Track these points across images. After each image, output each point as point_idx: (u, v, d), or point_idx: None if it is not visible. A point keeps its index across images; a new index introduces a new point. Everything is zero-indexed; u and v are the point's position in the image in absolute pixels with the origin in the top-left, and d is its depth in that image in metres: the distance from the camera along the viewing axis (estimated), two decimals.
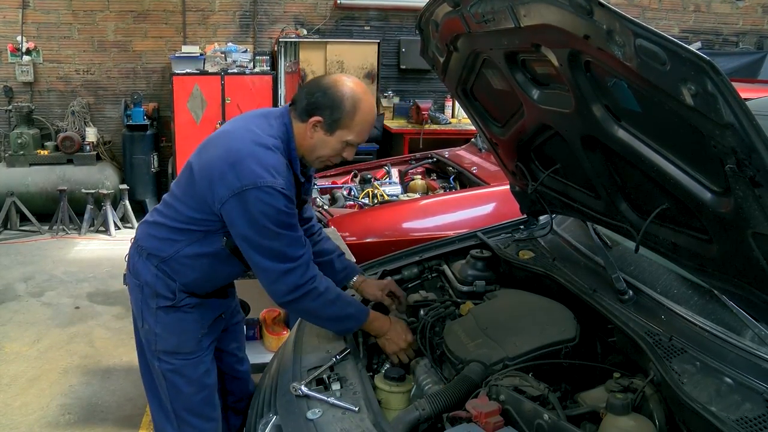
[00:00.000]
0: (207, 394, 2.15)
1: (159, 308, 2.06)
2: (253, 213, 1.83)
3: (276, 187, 1.82)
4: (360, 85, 1.95)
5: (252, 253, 1.89)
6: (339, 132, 1.92)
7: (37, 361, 3.86)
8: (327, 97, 1.90)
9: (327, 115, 1.90)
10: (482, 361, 1.76)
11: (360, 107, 1.91)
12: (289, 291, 1.90)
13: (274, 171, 1.84)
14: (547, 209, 2.39)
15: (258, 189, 1.81)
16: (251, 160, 1.84)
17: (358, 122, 1.91)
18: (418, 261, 2.49)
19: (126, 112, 6.89)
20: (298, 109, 1.95)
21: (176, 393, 2.10)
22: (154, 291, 2.05)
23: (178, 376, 2.09)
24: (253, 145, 1.87)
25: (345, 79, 1.94)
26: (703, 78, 1.17)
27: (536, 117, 2.01)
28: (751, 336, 1.54)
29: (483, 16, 1.79)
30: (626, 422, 1.42)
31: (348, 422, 1.61)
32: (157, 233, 2.06)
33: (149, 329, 2.08)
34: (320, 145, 1.95)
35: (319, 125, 1.92)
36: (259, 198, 1.81)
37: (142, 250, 2.09)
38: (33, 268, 5.43)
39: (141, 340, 2.16)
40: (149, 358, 2.13)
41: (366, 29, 7.44)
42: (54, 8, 6.90)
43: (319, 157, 1.99)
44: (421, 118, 6.87)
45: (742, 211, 1.31)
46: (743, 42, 8.03)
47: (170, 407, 2.12)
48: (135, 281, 2.10)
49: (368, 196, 4.61)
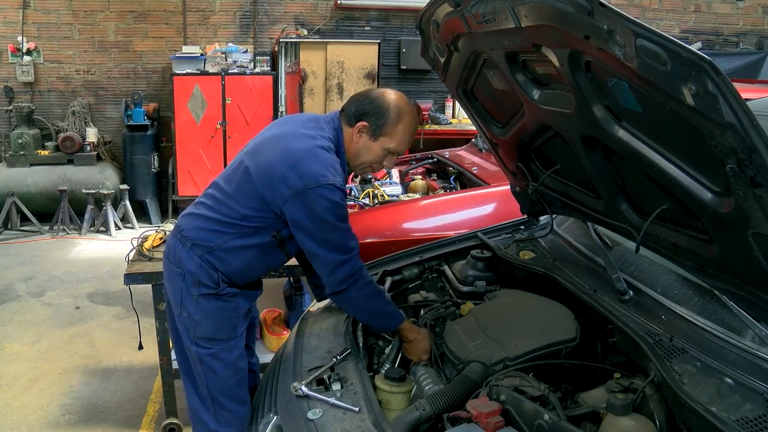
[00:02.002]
0: (241, 378, 2.20)
1: (201, 296, 2.11)
2: (316, 209, 1.95)
3: (336, 184, 1.96)
4: (404, 99, 2.12)
5: (313, 245, 2.01)
6: (382, 139, 2.08)
7: (37, 361, 3.86)
8: (374, 105, 2.07)
9: (373, 120, 2.06)
10: (483, 361, 1.76)
11: (403, 118, 2.08)
12: (344, 280, 2.02)
13: (333, 169, 1.98)
14: (548, 209, 2.39)
15: (321, 187, 1.94)
16: (311, 159, 1.97)
17: (400, 131, 2.08)
18: (418, 261, 2.49)
19: (126, 112, 6.89)
20: (347, 115, 2.11)
21: (213, 376, 2.15)
22: (197, 280, 2.10)
23: (215, 360, 2.15)
24: (311, 146, 2.01)
25: (391, 92, 2.12)
26: (704, 78, 1.17)
27: (537, 117, 2.01)
28: (752, 336, 1.54)
29: (484, 16, 1.79)
30: (627, 422, 1.42)
31: (348, 422, 1.61)
32: (206, 225, 2.12)
33: (189, 316, 2.13)
34: (364, 150, 2.11)
35: (365, 130, 2.08)
36: (321, 195, 1.94)
37: (186, 240, 2.13)
38: (33, 268, 5.44)
39: (178, 328, 2.21)
40: (187, 344, 2.17)
41: (366, 29, 7.44)
42: (54, 8, 6.90)
43: (362, 162, 2.14)
44: (421, 118, 6.87)
45: (743, 212, 1.31)
46: (744, 42, 8.04)
47: (207, 392, 2.17)
48: (177, 270, 2.15)
49: (369, 196, 4.61)
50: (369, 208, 4.24)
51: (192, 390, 2.24)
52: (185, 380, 2.26)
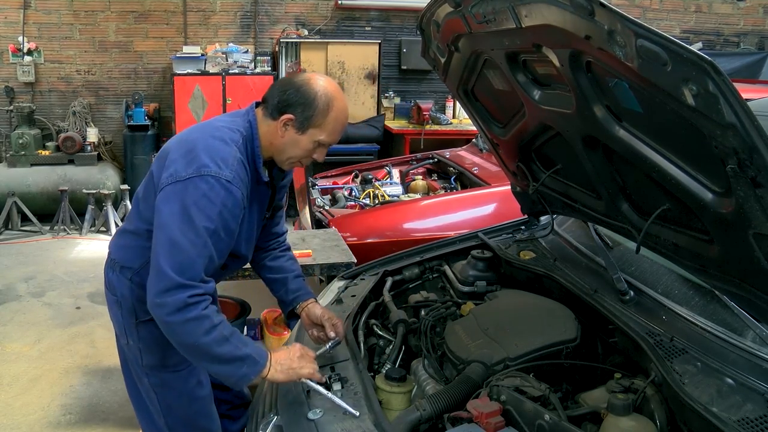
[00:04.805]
0: (201, 406, 2.07)
1: (140, 322, 1.96)
2: (185, 201, 1.70)
3: (220, 177, 1.71)
4: (333, 84, 1.87)
5: (161, 247, 1.70)
6: (311, 131, 1.83)
7: (38, 361, 3.86)
8: (299, 94, 1.81)
9: (299, 113, 1.81)
10: (483, 361, 1.76)
11: (333, 105, 1.83)
12: (177, 309, 1.66)
13: (221, 162, 1.74)
14: (548, 210, 2.39)
15: (200, 177, 1.71)
16: (202, 151, 1.75)
17: (330, 121, 1.83)
18: (419, 261, 2.49)
19: (127, 112, 6.89)
20: (269, 107, 1.86)
21: (167, 407, 2.02)
22: (132, 305, 1.96)
23: (168, 389, 2.01)
24: (208, 137, 1.80)
25: (318, 77, 1.86)
26: (705, 78, 1.17)
27: (537, 117, 2.01)
28: (753, 337, 1.54)
29: (484, 17, 1.79)
30: (627, 423, 1.42)
31: (349, 422, 1.61)
32: (126, 242, 1.99)
33: (133, 345, 2.00)
34: (291, 144, 1.85)
35: (291, 123, 1.82)
36: (196, 186, 1.70)
37: (114, 264, 2.01)
38: (34, 268, 5.44)
39: (125, 358, 2.09)
40: (138, 374, 2.05)
41: (367, 29, 7.44)
42: (55, 9, 6.90)
43: (289, 157, 1.89)
44: (422, 118, 6.87)
45: (744, 212, 1.31)
46: (744, 42, 8.03)
47: (163, 422, 2.04)
48: (112, 297, 2.03)
49: (369, 196, 4.61)
50: (370, 209, 4.24)
51: (147, 422, 2.10)
52: (138, 414, 2.13)
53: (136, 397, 2.12)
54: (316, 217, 3.95)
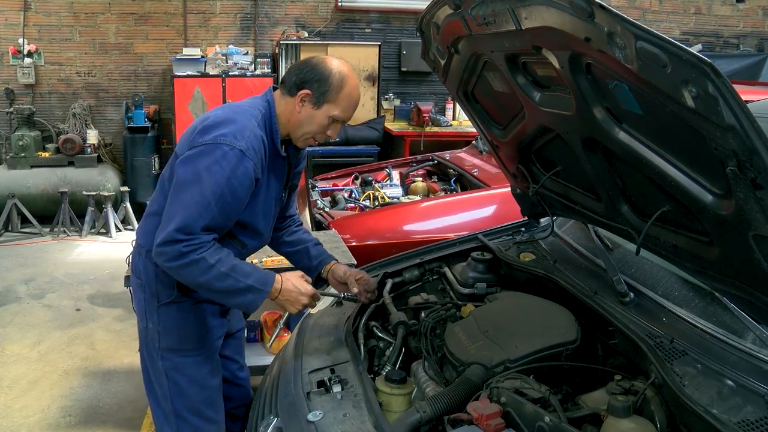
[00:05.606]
0: (209, 394, 2.14)
1: (161, 305, 2.06)
2: (198, 166, 1.85)
3: (234, 146, 1.85)
4: (346, 65, 2.02)
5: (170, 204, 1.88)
6: (326, 106, 1.97)
7: (37, 363, 3.86)
8: (316, 71, 1.97)
9: (315, 88, 1.96)
10: (483, 363, 1.76)
11: (347, 82, 1.98)
12: (174, 257, 1.83)
13: (238, 133, 1.88)
14: (548, 211, 2.39)
15: (215, 145, 1.86)
16: (222, 123, 1.91)
17: (344, 97, 1.97)
18: (419, 263, 2.49)
19: (127, 114, 6.90)
20: (287, 85, 2.01)
21: (178, 392, 2.09)
22: (155, 288, 2.05)
23: (180, 374, 2.09)
24: (229, 112, 1.96)
25: (332, 58, 2.02)
26: (704, 80, 1.17)
27: (537, 119, 2.01)
28: (753, 338, 1.54)
29: (484, 18, 1.79)
30: (627, 424, 1.42)
31: (349, 424, 1.61)
32: (150, 226, 2.03)
33: (152, 327, 2.08)
34: (307, 119, 1.99)
35: (308, 98, 1.97)
36: (211, 152, 1.85)
37: (141, 248, 2.10)
38: (34, 270, 5.44)
39: (144, 342, 2.15)
40: (152, 357, 2.12)
41: (367, 31, 7.45)
42: (55, 10, 6.91)
43: (305, 133, 2.02)
44: (422, 120, 6.88)
45: (743, 213, 1.31)
46: (744, 44, 8.04)
47: (171, 406, 2.10)
48: (137, 281, 2.11)
49: (369, 198, 4.62)
50: (369, 210, 4.24)
51: (155, 404, 2.17)
52: (149, 396, 2.20)
53: (148, 384, 2.19)
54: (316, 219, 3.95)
